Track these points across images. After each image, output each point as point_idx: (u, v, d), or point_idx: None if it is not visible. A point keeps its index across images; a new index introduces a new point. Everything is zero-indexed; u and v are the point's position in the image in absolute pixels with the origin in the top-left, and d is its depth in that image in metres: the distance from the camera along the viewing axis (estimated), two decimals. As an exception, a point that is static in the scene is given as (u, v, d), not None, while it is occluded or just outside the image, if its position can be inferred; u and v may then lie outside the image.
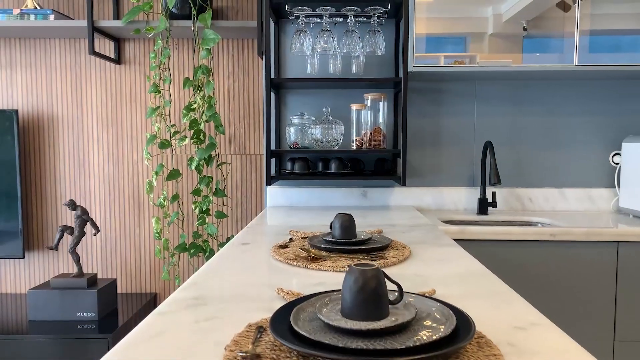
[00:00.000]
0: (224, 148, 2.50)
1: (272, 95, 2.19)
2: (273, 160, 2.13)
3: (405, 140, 1.93)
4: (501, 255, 1.70)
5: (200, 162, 2.15)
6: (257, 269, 1.07)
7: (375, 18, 1.97)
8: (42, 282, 2.51)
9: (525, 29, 1.87)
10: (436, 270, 1.05)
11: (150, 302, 2.46)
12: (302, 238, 1.37)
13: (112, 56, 2.46)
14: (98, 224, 2.51)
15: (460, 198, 2.19)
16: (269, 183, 1.95)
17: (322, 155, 2.08)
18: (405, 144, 1.92)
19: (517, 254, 1.70)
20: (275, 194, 2.20)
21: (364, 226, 1.60)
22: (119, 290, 2.54)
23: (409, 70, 1.89)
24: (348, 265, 0.97)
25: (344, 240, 1.21)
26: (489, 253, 1.70)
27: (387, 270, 1.05)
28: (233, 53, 2.47)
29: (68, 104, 2.48)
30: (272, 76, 2.17)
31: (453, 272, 1.04)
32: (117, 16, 2.42)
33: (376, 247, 1.19)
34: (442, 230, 1.64)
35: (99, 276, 2.52)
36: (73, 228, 2.24)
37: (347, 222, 1.24)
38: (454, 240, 1.62)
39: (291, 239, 1.35)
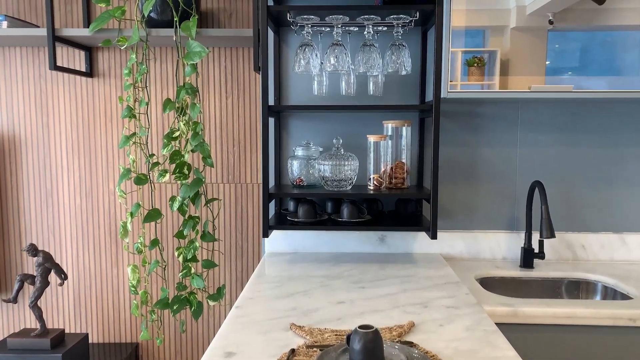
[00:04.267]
0: (214, 176, 2.12)
1: (272, 119, 1.80)
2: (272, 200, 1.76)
3: (437, 181, 1.54)
4: (563, 343, 1.32)
5: (185, 202, 1.78)
6: None
7: (399, 29, 1.57)
8: None
9: (551, 22, 1.51)
10: None
11: (131, 355, 2.11)
12: (307, 347, 1.00)
13: (83, 68, 2.07)
14: (69, 264, 2.15)
15: (499, 245, 1.81)
16: (266, 234, 1.58)
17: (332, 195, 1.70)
18: (437, 186, 1.54)
19: (584, 341, 1.32)
20: (276, 237, 1.83)
21: (380, 280, 1.23)
22: (94, 340, 2.18)
23: (442, 96, 1.50)
24: None
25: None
26: (546, 340, 1.32)
27: None
28: (226, 64, 2.08)
29: (32, 124, 2.11)
30: (271, 100, 1.79)
31: None
32: (87, 23, 2.04)
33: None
34: (488, 316, 1.27)
35: (69, 329, 2.17)
36: (35, 277, 1.88)
37: (371, 344, 0.87)
38: (505, 324, 1.26)
39: (293, 350, 0.98)
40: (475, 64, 1.55)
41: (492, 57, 1.55)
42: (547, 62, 1.54)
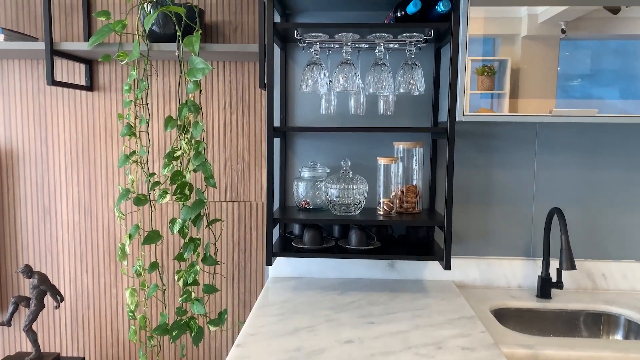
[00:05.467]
0: (217, 194, 2.05)
1: (277, 138, 1.73)
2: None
3: (451, 209, 1.46)
4: (587, 387, 1.24)
5: (185, 224, 1.70)
6: None
7: (412, 48, 1.49)
8: (-1, 352, 2.10)
9: (563, 31, 1.44)
10: None
11: (128, 379, 2.04)
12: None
13: (83, 82, 2.01)
14: (66, 284, 2.08)
15: (514, 272, 1.72)
16: (269, 262, 1.50)
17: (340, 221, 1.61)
18: (451, 215, 1.46)
19: (610, 386, 1.23)
20: (280, 260, 1.75)
21: (390, 313, 1.15)
22: (92, 362, 2.11)
23: (457, 119, 1.42)
24: None
25: None
26: (570, 384, 1.24)
27: None
28: (231, 79, 2.01)
29: (30, 139, 2.04)
30: (277, 120, 1.71)
31: None
32: (88, 35, 1.97)
33: None
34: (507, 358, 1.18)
35: (65, 352, 2.09)
36: (30, 299, 1.81)
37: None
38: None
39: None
40: (486, 73, 1.48)
41: (503, 66, 1.47)
42: (559, 71, 1.46)
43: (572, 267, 1.46)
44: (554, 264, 1.66)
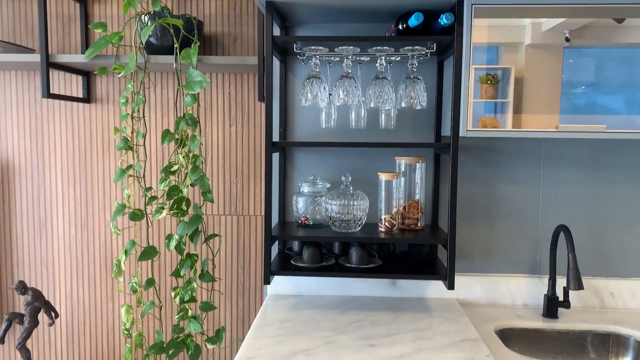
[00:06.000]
0: (216, 207, 2.01)
1: (277, 152, 1.69)
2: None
3: (454, 228, 1.42)
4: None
5: (182, 240, 1.67)
6: None
7: (414, 61, 1.46)
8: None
9: (568, 40, 1.40)
10: None
11: (124, 396, 1.99)
12: None
13: (80, 94, 1.98)
14: (62, 299, 2.04)
15: (520, 290, 1.68)
16: (267, 281, 1.46)
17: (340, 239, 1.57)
18: (454, 233, 1.42)
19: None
20: (279, 277, 1.71)
21: (392, 335, 1.11)
22: (88, 379, 2.07)
23: (460, 134, 1.38)
24: None
25: None
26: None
27: None
28: (230, 90, 1.98)
29: (26, 151, 2.01)
30: (276, 131, 1.68)
31: None
32: (86, 46, 1.94)
33: None
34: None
35: (60, 369, 2.06)
36: (23, 316, 1.78)
37: None
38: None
39: None
40: (489, 81, 1.44)
41: (506, 74, 1.43)
42: (563, 80, 1.42)
43: (580, 287, 1.41)
44: (561, 282, 1.62)
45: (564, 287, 1.56)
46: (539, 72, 1.42)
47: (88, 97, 1.98)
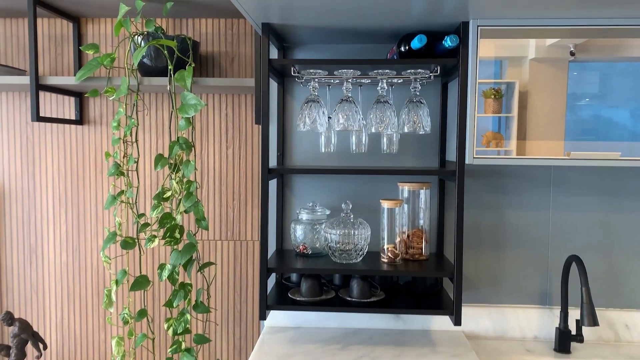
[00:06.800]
0: (211, 232, 1.94)
1: (274, 179, 1.63)
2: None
3: (461, 259, 1.34)
4: None
5: (175, 269, 1.59)
6: None
7: (417, 85, 1.39)
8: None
9: (572, 54, 1.34)
10: None
11: None
12: None
13: (72, 115, 1.92)
14: (52, 327, 1.97)
15: (530, 322, 1.59)
16: (263, 316, 1.38)
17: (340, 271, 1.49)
18: (461, 266, 1.34)
19: None
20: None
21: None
22: (78, 411, 1.98)
23: (467, 162, 1.31)
24: None
25: None
26: None
27: None
28: (227, 111, 1.91)
29: (16, 174, 1.95)
30: (274, 157, 1.61)
31: None
32: (79, 66, 1.89)
33: None
34: None
35: (48, 403, 1.97)
36: (10, 348, 1.70)
37: None
38: None
39: None
40: (493, 96, 1.38)
41: (510, 89, 1.37)
42: (567, 94, 1.36)
43: (595, 323, 1.33)
44: (573, 314, 1.54)
45: (577, 320, 1.48)
46: (544, 86, 1.36)
47: (81, 119, 1.92)
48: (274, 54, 1.58)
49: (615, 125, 1.34)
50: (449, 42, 1.26)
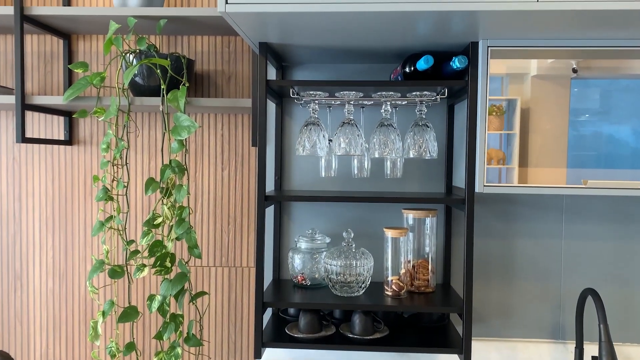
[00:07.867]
0: (205, 258, 1.85)
1: (271, 206, 1.54)
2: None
3: (471, 294, 1.25)
4: None
5: (166, 300, 1.50)
6: None
7: (423, 107, 1.32)
8: None
9: (575, 71, 1.27)
10: None
11: None
12: None
13: (62, 135, 1.84)
14: (37, 359, 1.86)
15: (541, 358, 1.50)
16: (258, 355, 1.29)
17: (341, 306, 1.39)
18: (471, 300, 1.25)
19: None
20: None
21: None
22: None
23: (476, 190, 1.23)
24: None
25: None
26: None
27: None
28: (223, 132, 1.84)
29: (1, 196, 1.86)
30: (271, 182, 1.53)
31: None
32: (69, 84, 1.81)
33: None
34: None
35: None
36: (-11, 383, 1.59)
37: None
38: None
39: None
40: (494, 113, 1.30)
41: (512, 106, 1.30)
42: (570, 111, 1.29)
43: (614, 363, 1.24)
44: (589, 351, 1.44)
45: (593, 357, 1.39)
46: (546, 103, 1.29)
47: (70, 139, 1.84)
48: (272, 73, 1.51)
49: (618, 142, 1.27)
50: (457, 63, 1.19)
